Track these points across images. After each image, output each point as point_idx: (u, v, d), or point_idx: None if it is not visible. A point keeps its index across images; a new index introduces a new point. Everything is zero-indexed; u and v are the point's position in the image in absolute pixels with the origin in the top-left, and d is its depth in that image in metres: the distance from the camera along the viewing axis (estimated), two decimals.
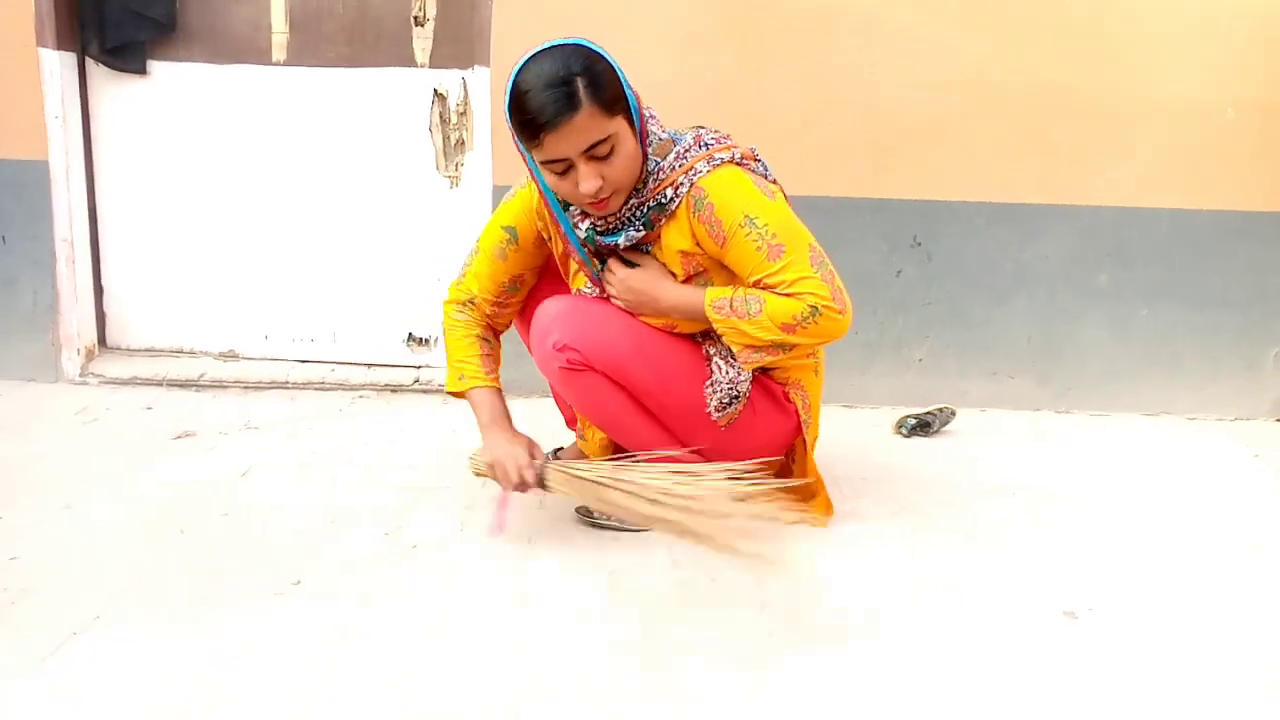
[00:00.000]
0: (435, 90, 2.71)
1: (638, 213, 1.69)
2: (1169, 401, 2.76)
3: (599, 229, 1.71)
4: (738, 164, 1.71)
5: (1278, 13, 2.51)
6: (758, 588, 1.65)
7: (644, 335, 1.76)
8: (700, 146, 1.71)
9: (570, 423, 2.11)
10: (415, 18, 2.67)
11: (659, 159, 1.68)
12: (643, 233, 1.70)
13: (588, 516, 1.90)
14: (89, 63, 2.71)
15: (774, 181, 1.78)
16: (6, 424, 2.40)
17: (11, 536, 1.78)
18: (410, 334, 2.86)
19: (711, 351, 1.78)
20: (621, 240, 1.70)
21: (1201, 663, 1.49)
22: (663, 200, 1.68)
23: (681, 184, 1.67)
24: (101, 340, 2.87)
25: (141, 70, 2.71)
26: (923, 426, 2.49)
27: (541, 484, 1.74)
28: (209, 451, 2.26)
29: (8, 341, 2.73)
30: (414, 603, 1.59)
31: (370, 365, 2.86)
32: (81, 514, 1.90)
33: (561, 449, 2.15)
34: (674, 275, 1.75)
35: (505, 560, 1.75)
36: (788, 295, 1.65)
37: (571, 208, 1.73)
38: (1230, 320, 2.72)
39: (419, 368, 2.85)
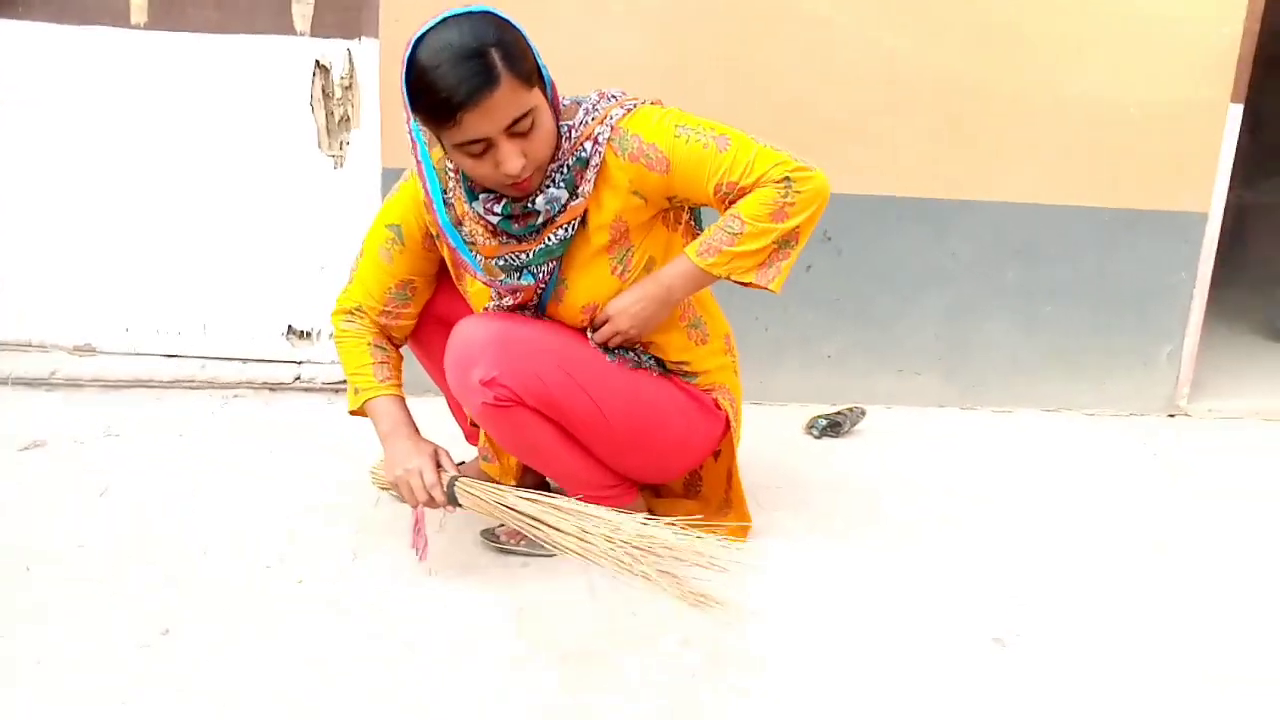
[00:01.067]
0: (317, 62, 2.48)
1: (557, 175, 1.54)
2: (1069, 397, 2.78)
3: (519, 207, 1.55)
4: (651, 104, 1.62)
5: (1187, 15, 2.52)
6: (679, 619, 1.54)
7: (576, 359, 1.62)
8: (607, 100, 1.59)
9: (471, 438, 1.96)
10: None
11: (568, 121, 1.55)
12: (564, 194, 1.55)
13: (494, 541, 1.76)
14: None
15: None
16: None
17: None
18: (290, 326, 2.63)
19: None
20: (540, 203, 1.54)
21: (1130, 666, 1.48)
22: (582, 155, 1.54)
23: (599, 134, 1.55)
24: None
25: None
26: (833, 427, 2.43)
27: (452, 501, 1.59)
28: (62, 465, 2.02)
29: None
30: (301, 651, 1.43)
31: (245, 360, 2.62)
32: None
33: (462, 463, 1.99)
34: (588, 266, 1.61)
35: (402, 594, 1.60)
36: (754, 185, 1.54)
37: (482, 196, 1.56)
38: (1128, 318, 2.75)
39: (300, 363, 2.63)
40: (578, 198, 1.56)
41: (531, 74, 1.44)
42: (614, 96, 1.60)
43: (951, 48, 2.51)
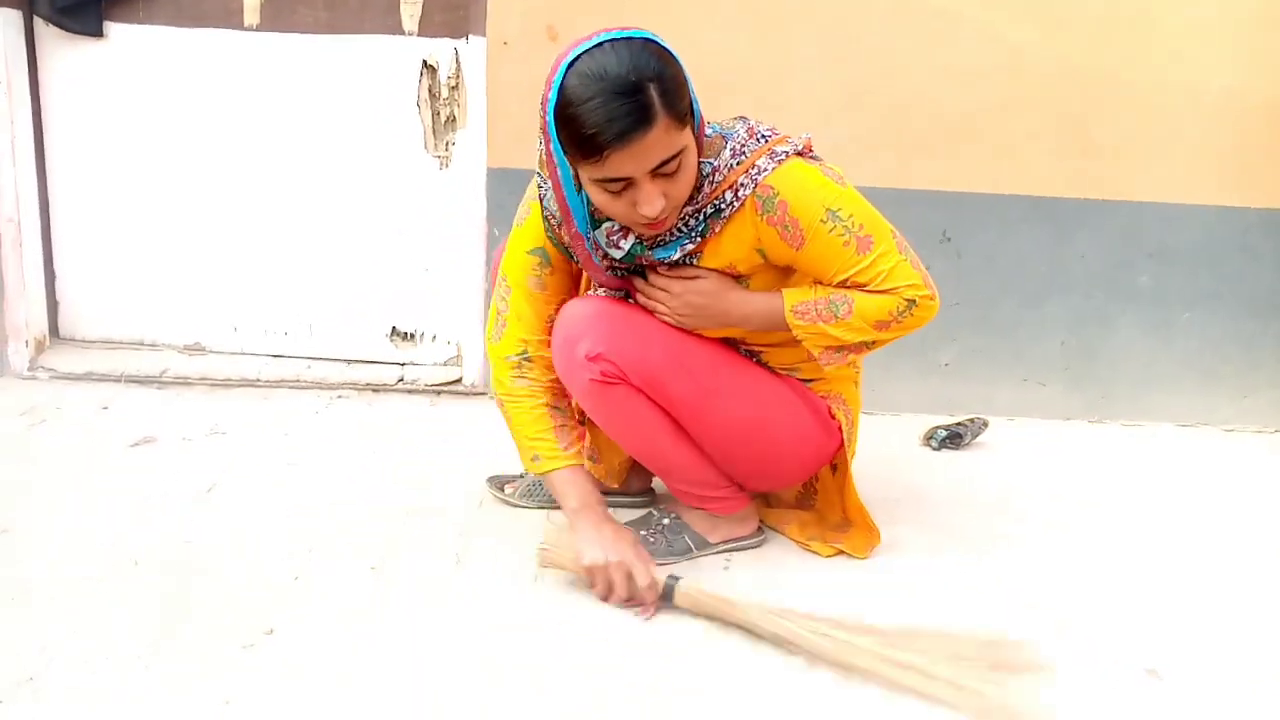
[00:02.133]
0: (424, 61, 2.46)
1: (693, 220, 1.47)
2: (1207, 412, 2.59)
3: (646, 244, 1.50)
4: (800, 154, 1.50)
5: None
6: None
7: (686, 345, 1.55)
8: (757, 140, 1.48)
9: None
10: None
11: (711, 160, 1.46)
12: (698, 242, 1.49)
13: None
14: (38, 23, 2.44)
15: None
16: None
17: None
18: (394, 328, 2.62)
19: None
20: (675, 254, 1.49)
21: None
22: (720, 205, 1.46)
23: (743, 184, 1.45)
24: (54, 330, 2.61)
25: (98, 32, 2.43)
26: (954, 439, 2.30)
27: (665, 599, 1.50)
28: (170, 462, 2.03)
29: None
30: (404, 654, 1.38)
31: (350, 362, 2.62)
32: (19, 539, 1.66)
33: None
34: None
35: (506, 598, 1.54)
36: (881, 291, 1.49)
37: (606, 224, 1.50)
38: (1274, 327, 2.55)
39: (403, 365, 2.62)
40: (703, 239, 1.50)
41: (686, 113, 1.35)
42: (763, 136, 1.49)
43: (1077, 39, 2.37)
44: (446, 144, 2.52)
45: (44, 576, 1.54)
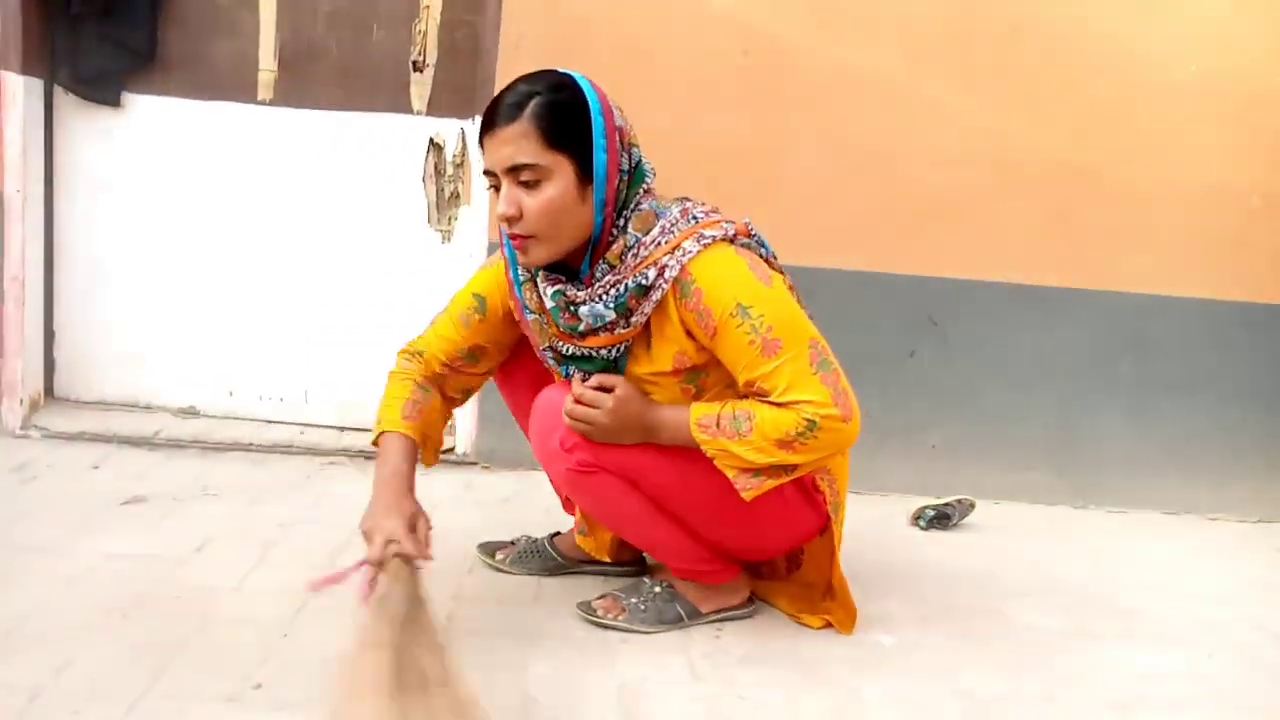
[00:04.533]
0: (431, 139, 2.55)
1: (615, 290, 1.48)
2: (1190, 500, 2.63)
3: (565, 302, 1.50)
4: (729, 240, 1.51)
5: None
6: (790, 707, 1.45)
7: None
8: (688, 220, 1.51)
9: (569, 507, 1.92)
10: (414, 63, 2.52)
11: (639, 234, 1.49)
12: (610, 314, 1.49)
13: (591, 614, 1.69)
14: (57, 90, 2.52)
15: (773, 258, 1.59)
16: None
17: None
18: None
19: None
20: (584, 312, 1.49)
21: None
22: (643, 281, 1.47)
23: (667, 265, 1.46)
24: (49, 390, 2.63)
25: (115, 102, 2.52)
26: (942, 519, 2.32)
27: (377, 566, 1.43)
28: (161, 520, 2.02)
29: None
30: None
31: (344, 429, 2.63)
32: (8, 589, 1.65)
33: (559, 534, 1.94)
34: (657, 380, 1.54)
35: (500, 664, 1.53)
36: (781, 405, 1.44)
37: (542, 273, 1.53)
38: (1253, 417, 2.61)
39: None
40: (628, 326, 1.50)
41: (561, 140, 1.42)
42: (695, 218, 1.51)
43: (1061, 132, 2.48)
44: (449, 219, 2.59)
45: (33, 625, 1.53)
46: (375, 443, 1.64)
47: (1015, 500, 2.59)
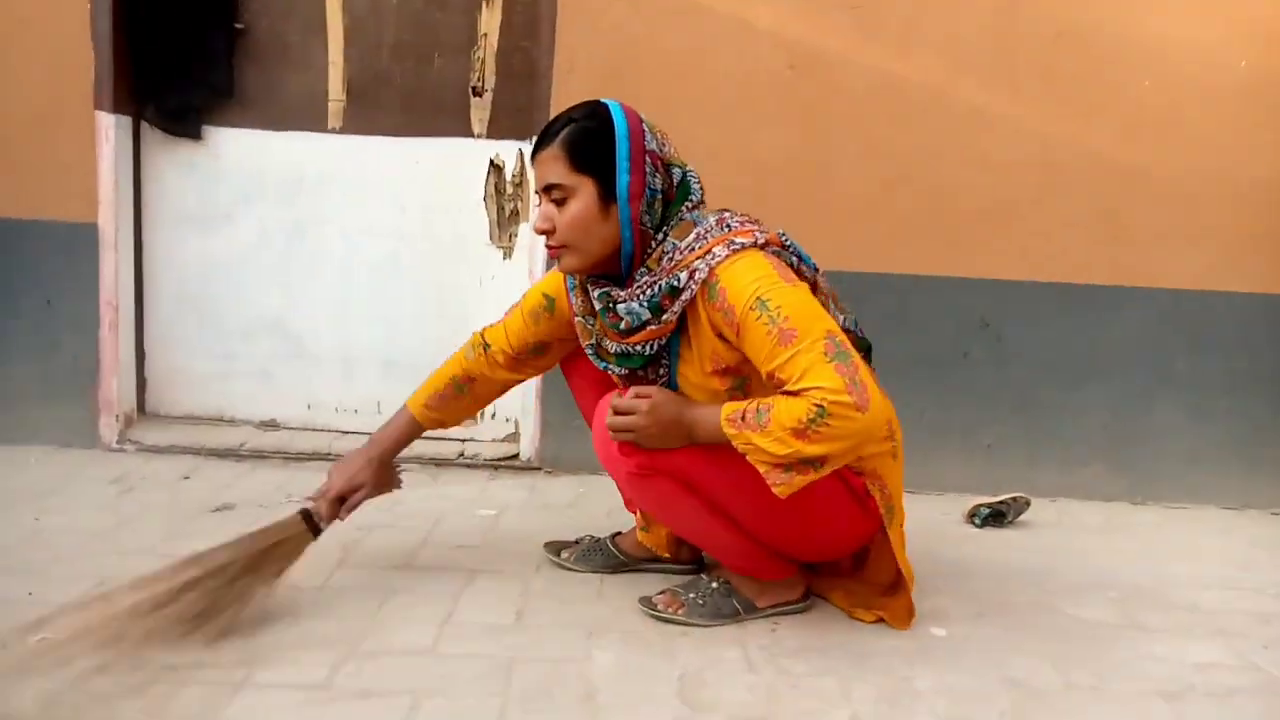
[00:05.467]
0: (492, 161, 2.67)
1: (647, 291, 1.59)
2: (1251, 494, 2.62)
3: (609, 301, 1.63)
4: (760, 247, 1.59)
5: None
6: (844, 695, 1.51)
7: None
8: (722, 228, 1.61)
9: (629, 504, 2.00)
10: (474, 88, 2.64)
11: (676, 241, 1.60)
12: (645, 312, 1.59)
13: (652, 609, 1.78)
14: (143, 126, 2.69)
15: (808, 268, 1.66)
16: (42, 491, 2.31)
17: (41, 615, 1.66)
18: None
19: None
20: (621, 310, 1.61)
21: None
22: (674, 283, 1.57)
23: (697, 268, 1.56)
24: (141, 407, 2.80)
25: (197, 135, 2.68)
26: (997, 517, 2.36)
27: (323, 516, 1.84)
28: (249, 526, 2.15)
29: (47, 405, 2.65)
30: (467, 703, 1.46)
31: None
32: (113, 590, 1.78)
33: (620, 533, 2.03)
34: (706, 385, 1.63)
35: (566, 656, 1.62)
36: (795, 393, 1.47)
37: (587, 281, 1.68)
38: None
39: (464, 441, 2.75)
40: (660, 323, 1.60)
41: (586, 164, 1.57)
42: (729, 225, 1.61)
43: (1108, 133, 2.50)
44: (510, 235, 2.70)
45: None
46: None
47: (1070, 497, 2.61)
